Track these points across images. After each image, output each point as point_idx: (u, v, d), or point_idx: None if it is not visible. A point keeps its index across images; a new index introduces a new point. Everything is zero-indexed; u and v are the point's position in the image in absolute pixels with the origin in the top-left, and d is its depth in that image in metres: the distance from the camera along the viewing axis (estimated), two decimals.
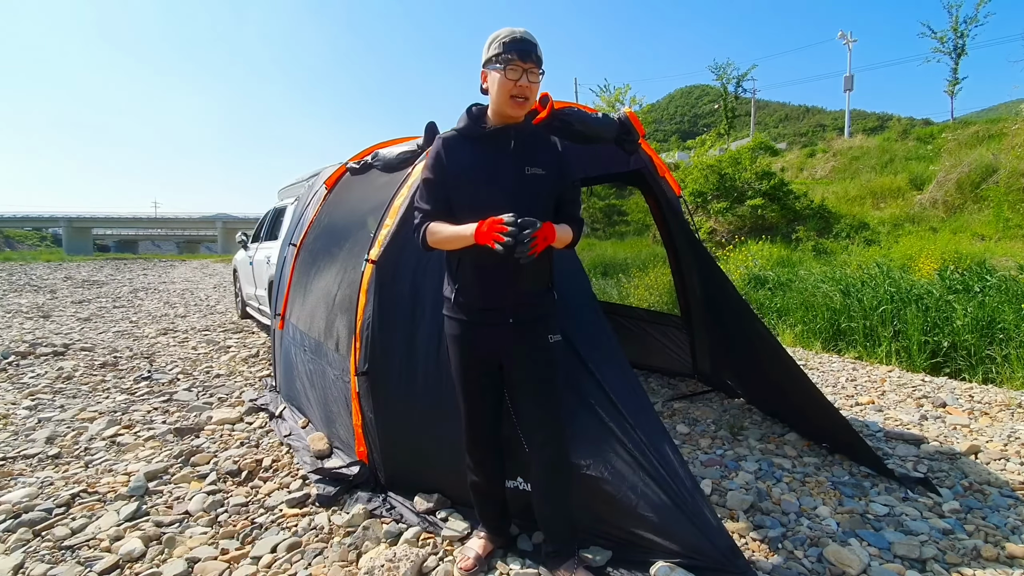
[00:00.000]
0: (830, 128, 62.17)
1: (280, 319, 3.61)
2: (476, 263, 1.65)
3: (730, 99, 28.20)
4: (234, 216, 63.14)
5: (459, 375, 1.78)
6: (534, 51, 1.61)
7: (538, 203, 1.66)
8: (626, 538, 1.86)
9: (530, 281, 1.70)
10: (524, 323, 1.70)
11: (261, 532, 2.16)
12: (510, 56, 1.58)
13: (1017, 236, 10.01)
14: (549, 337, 1.73)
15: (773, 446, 2.94)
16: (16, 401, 3.82)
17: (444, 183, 1.69)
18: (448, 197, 1.68)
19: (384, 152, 2.91)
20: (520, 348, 1.70)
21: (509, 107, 1.64)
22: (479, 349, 1.72)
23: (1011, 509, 2.26)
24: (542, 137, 1.77)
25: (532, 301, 1.71)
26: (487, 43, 1.64)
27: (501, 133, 1.69)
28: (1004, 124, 14.60)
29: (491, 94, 1.67)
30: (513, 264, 1.61)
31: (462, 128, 1.73)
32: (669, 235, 3.83)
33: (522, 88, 1.61)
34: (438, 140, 1.73)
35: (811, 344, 5.57)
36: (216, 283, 14.12)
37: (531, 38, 1.62)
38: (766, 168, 14.95)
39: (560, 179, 1.73)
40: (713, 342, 3.80)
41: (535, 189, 1.67)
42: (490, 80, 1.65)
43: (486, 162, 1.67)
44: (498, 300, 1.67)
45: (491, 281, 1.66)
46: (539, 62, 1.63)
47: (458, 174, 1.67)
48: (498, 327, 1.68)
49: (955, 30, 19.43)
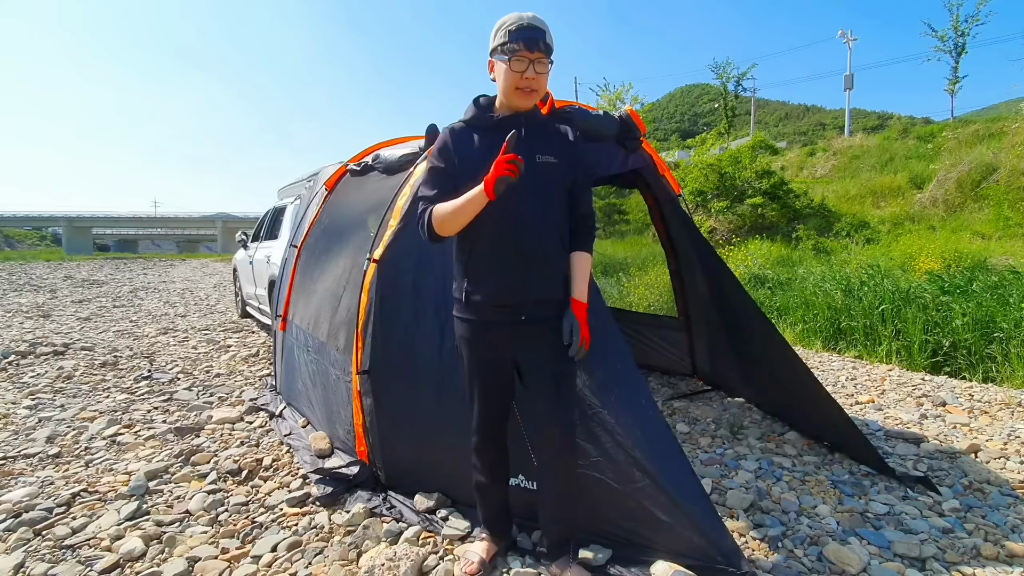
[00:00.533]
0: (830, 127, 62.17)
1: (282, 321, 3.61)
2: (489, 255, 1.60)
3: (730, 98, 28.20)
4: (234, 216, 63.08)
5: (471, 377, 1.72)
6: (542, 39, 1.52)
7: (552, 192, 1.62)
8: (626, 537, 1.87)
9: (547, 277, 1.64)
10: (537, 321, 1.64)
11: (261, 531, 2.16)
12: (516, 46, 1.51)
13: (1017, 235, 10.01)
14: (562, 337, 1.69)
15: (773, 445, 2.94)
16: (16, 400, 3.82)
17: (452, 173, 1.62)
18: (455, 187, 1.58)
19: (385, 154, 2.90)
20: (534, 348, 1.66)
21: (516, 98, 1.58)
22: (492, 350, 1.67)
23: (1011, 508, 2.26)
24: (552, 126, 1.71)
25: (548, 299, 1.65)
26: (494, 29, 1.57)
27: (510, 122, 1.62)
28: (1004, 123, 14.61)
29: (498, 84, 1.61)
30: (526, 261, 1.58)
31: (469, 119, 1.67)
32: (667, 234, 3.82)
33: (529, 80, 1.55)
34: (445, 130, 1.67)
35: (811, 343, 5.57)
36: (216, 282, 14.12)
37: (539, 24, 1.53)
38: (766, 167, 14.95)
39: (572, 167, 1.67)
40: (714, 340, 3.80)
41: (548, 177, 1.62)
42: (497, 70, 1.59)
43: (496, 151, 1.59)
44: (511, 296, 1.61)
45: (504, 274, 1.60)
46: (548, 51, 1.54)
47: (467, 164, 1.60)
48: (511, 326, 1.63)
49: (956, 28, 19.42)
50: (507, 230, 1.59)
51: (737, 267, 9.14)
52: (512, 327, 1.63)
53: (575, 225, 1.71)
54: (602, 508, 1.90)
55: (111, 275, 15.91)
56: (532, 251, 1.61)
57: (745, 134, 29.84)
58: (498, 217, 1.57)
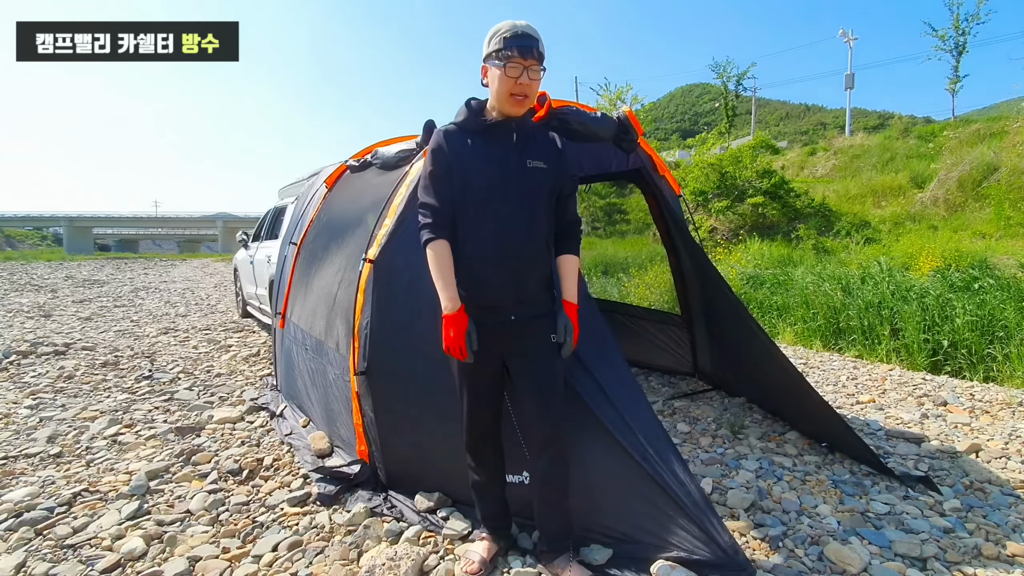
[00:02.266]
0: (831, 126, 62.14)
1: (281, 318, 3.61)
2: (480, 258, 1.64)
3: (731, 97, 28.15)
4: (235, 215, 63.06)
5: (461, 375, 1.75)
6: (535, 47, 1.57)
7: (540, 196, 1.67)
8: (627, 536, 1.86)
9: (531, 279, 1.69)
10: (526, 321, 1.69)
11: (262, 531, 2.16)
12: (510, 53, 1.56)
13: (1018, 234, 9.99)
14: (551, 336, 1.72)
15: (774, 445, 2.94)
16: (17, 400, 3.82)
17: (449, 176, 1.65)
18: (452, 192, 1.64)
19: (383, 150, 2.90)
20: (523, 347, 1.70)
21: (509, 104, 1.62)
22: (481, 349, 1.69)
23: (1012, 508, 2.26)
24: (542, 132, 1.77)
25: (534, 299, 1.70)
26: (488, 36, 1.61)
27: (503, 126, 1.67)
28: (1005, 122, 14.58)
29: (491, 90, 1.65)
30: (513, 263, 1.63)
31: (462, 122, 1.70)
32: (668, 234, 3.82)
33: (522, 86, 1.59)
34: (438, 133, 1.70)
35: (811, 343, 5.57)
36: (217, 282, 14.14)
37: (533, 32, 1.58)
38: (767, 166, 14.94)
39: (560, 173, 1.74)
40: (713, 340, 3.80)
41: (537, 182, 1.67)
42: (490, 76, 1.63)
43: (489, 155, 1.65)
44: (497, 297, 1.66)
45: (492, 279, 1.65)
46: (540, 58, 1.60)
47: (461, 167, 1.64)
48: (500, 326, 1.67)
49: (956, 28, 19.38)
50: (494, 232, 1.64)
51: (732, 267, 9.14)
52: (500, 327, 1.67)
53: (562, 228, 1.79)
54: (602, 508, 1.90)
55: (112, 275, 15.92)
56: (518, 253, 1.65)
57: (746, 134, 29.82)
58: (486, 220, 1.63)
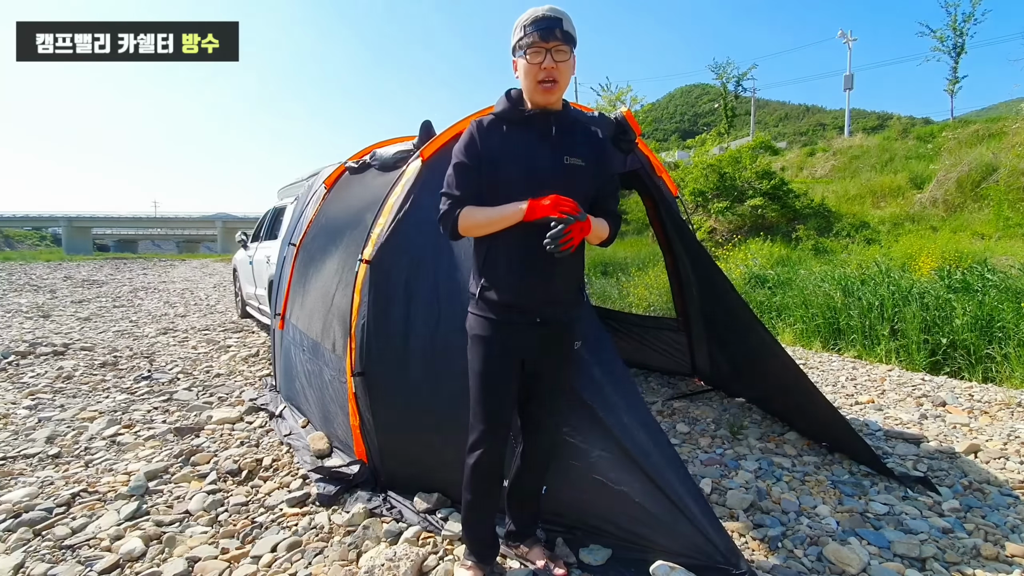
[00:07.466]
0: (830, 127, 62.14)
1: (280, 319, 3.61)
2: (509, 255, 1.57)
3: (730, 98, 28.20)
4: (234, 216, 63.07)
5: (480, 374, 1.64)
6: (558, 27, 1.48)
7: (577, 196, 1.54)
8: (625, 537, 1.87)
9: (563, 279, 1.61)
10: (551, 324, 1.62)
11: (261, 531, 2.16)
12: (531, 39, 1.48)
13: (1017, 235, 10.00)
14: (574, 344, 1.69)
15: (773, 445, 2.94)
16: (16, 401, 3.82)
17: (478, 167, 1.57)
18: (480, 184, 1.56)
19: (382, 152, 2.91)
20: (545, 353, 1.65)
21: (538, 93, 1.54)
22: (504, 349, 1.62)
23: (1011, 508, 2.27)
24: (583, 126, 1.66)
25: (562, 300, 1.63)
26: (513, 29, 1.55)
27: (541, 118, 1.58)
28: (1004, 123, 14.61)
29: (521, 83, 1.58)
30: (544, 263, 1.52)
31: (500, 111, 1.62)
32: (665, 235, 3.83)
33: (548, 71, 1.50)
34: (473, 123, 1.62)
35: (810, 343, 5.57)
36: (216, 283, 14.13)
37: (555, 13, 1.49)
38: (766, 167, 14.94)
39: (600, 171, 1.65)
40: (712, 341, 3.80)
41: (574, 180, 1.57)
42: (519, 68, 1.55)
43: (525, 148, 1.56)
44: (528, 297, 1.58)
45: (523, 276, 1.57)
46: (566, 38, 1.49)
47: (493, 159, 1.56)
48: (526, 327, 1.60)
49: (954, 28, 19.42)
50: (526, 232, 1.54)
51: (737, 267, 9.15)
52: (527, 328, 1.61)
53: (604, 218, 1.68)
54: (601, 508, 1.90)
55: (111, 275, 15.90)
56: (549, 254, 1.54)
57: (745, 134, 29.84)
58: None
